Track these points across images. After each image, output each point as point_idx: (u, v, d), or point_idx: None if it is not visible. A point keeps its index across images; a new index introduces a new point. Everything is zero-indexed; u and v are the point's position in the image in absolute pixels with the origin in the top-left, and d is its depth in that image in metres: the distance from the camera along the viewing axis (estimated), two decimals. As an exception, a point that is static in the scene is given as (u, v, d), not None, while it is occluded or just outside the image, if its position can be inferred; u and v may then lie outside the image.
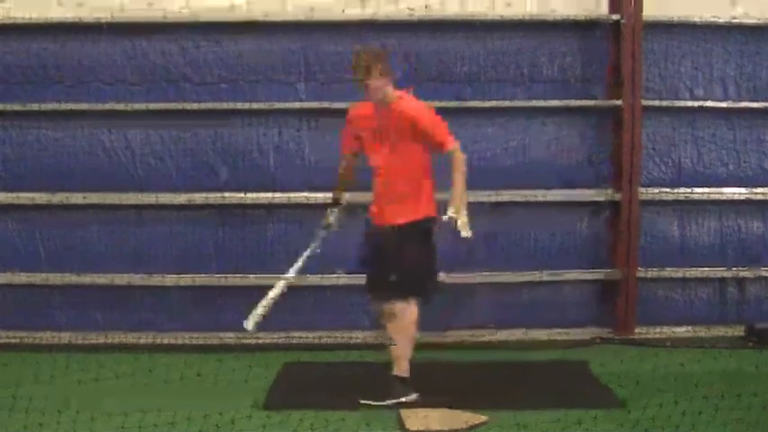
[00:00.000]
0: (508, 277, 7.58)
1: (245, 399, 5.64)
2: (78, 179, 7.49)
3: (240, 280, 7.48)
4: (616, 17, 7.49)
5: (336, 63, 7.37)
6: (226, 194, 7.52)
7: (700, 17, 7.59)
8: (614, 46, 7.56)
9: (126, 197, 7.51)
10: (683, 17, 7.58)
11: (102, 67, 7.47)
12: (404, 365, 5.71)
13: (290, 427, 5.14)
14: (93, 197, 7.48)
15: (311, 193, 7.36)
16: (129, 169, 7.55)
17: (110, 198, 7.50)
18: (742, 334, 7.54)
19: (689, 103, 7.70)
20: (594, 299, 7.80)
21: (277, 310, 7.55)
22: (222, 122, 7.55)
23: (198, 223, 7.60)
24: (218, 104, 7.50)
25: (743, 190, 7.76)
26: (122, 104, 7.46)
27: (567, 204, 7.70)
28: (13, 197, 7.50)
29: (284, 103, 7.52)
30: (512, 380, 6.24)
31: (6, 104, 7.45)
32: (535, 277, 7.60)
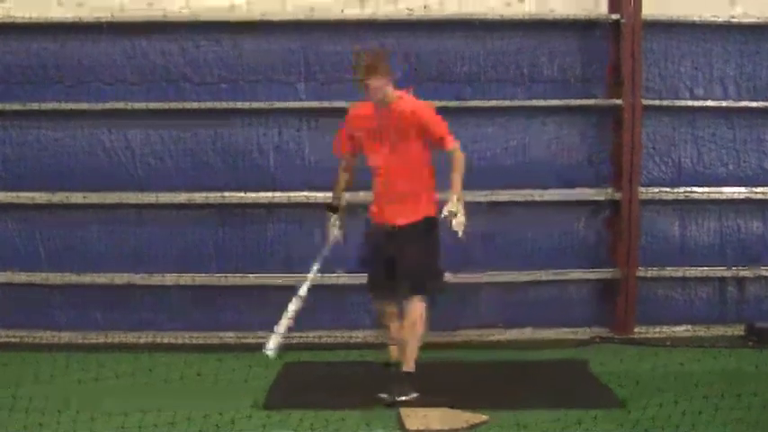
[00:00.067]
0: (509, 277, 7.57)
1: (245, 398, 5.64)
2: (78, 179, 7.48)
3: (240, 279, 7.50)
4: (616, 17, 7.49)
5: (336, 63, 7.38)
6: (226, 194, 7.52)
7: (699, 16, 7.58)
8: (614, 45, 7.56)
9: (126, 197, 7.50)
10: (682, 17, 7.58)
11: (102, 66, 7.46)
12: (412, 363, 5.75)
13: (290, 426, 5.14)
14: (93, 197, 7.48)
15: (311, 193, 7.37)
16: (129, 169, 7.54)
17: (110, 198, 7.49)
18: (742, 333, 7.54)
19: (689, 103, 7.70)
20: (594, 298, 7.80)
21: (277, 309, 7.58)
22: (222, 122, 7.54)
23: (198, 223, 7.59)
24: (218, 104, 7.49)
25: (743, 189, 7.75)
26: (122, 104, 7.45)
27: (566, 204, 7.68)
28: (13, 196, 7.49)
29: (284, 103, 7.51)
30: (512, 379, 6.24)
31: (6, 104, 7.44)
32: (537, 277, 7.59)
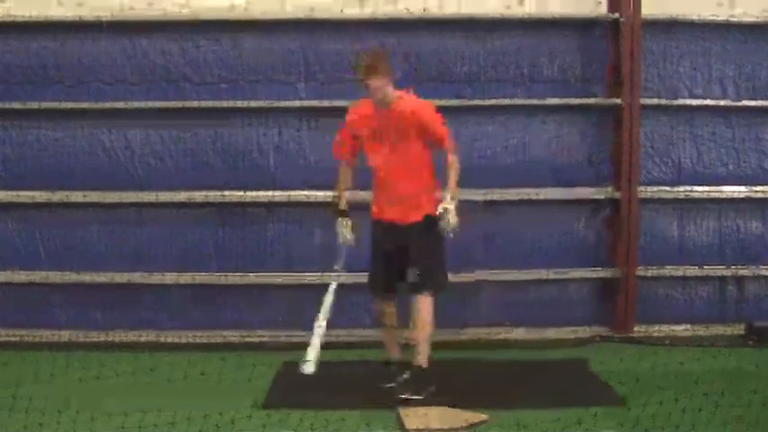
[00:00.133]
0: (509, 276, 7.57)
1: (245, 398, 5.64)
2: (78, 178, 7.47)
3: (240, 278, 7.50)
4: (615, 16, 7.48)
5: (336, 62, 7.38)
6: (226, 193, 7.52)
7: (698, 16, 7.58)
8: (613, 45, 7.55)
9: (126, 196, 7.50)
10: (681, 16, 7.58)
11: (102, 66, 7.46)
12: (426, 360, 5.80)
13: (289, 426, 5.14)
14: (93, 196, 7.48)
15: (311, 192, 7.38)
16: (128, 169, 7.53)
17: (110, 197, 7.49)
18: (741, 332, 7.54)
19: (688, 102, 7.70)
20: (594, 297, 7.80)
21: (277, 309, 7.60)
22: (222, 122, 7.54)
23: (198, 222, 7.59)
24: (218, 104, 7.49)
25: (742, 188, 7.76)
26: (122, 104, 7.45)
27: (566, 203, 7.68)
28: (13, 195, 7.49)
29: (284, 103, 7.51)
30: (511, 378, 6.25)
31: (6, 104, 7.43)
32: (536, 276, 7.59)
